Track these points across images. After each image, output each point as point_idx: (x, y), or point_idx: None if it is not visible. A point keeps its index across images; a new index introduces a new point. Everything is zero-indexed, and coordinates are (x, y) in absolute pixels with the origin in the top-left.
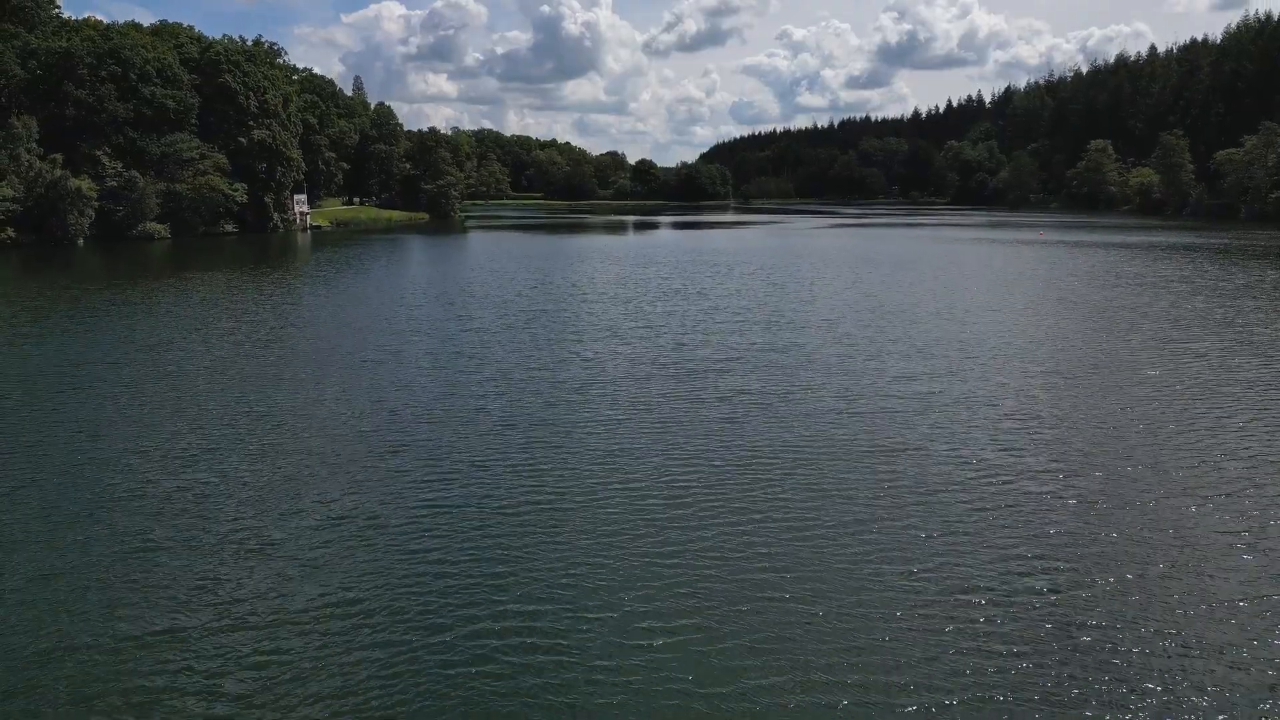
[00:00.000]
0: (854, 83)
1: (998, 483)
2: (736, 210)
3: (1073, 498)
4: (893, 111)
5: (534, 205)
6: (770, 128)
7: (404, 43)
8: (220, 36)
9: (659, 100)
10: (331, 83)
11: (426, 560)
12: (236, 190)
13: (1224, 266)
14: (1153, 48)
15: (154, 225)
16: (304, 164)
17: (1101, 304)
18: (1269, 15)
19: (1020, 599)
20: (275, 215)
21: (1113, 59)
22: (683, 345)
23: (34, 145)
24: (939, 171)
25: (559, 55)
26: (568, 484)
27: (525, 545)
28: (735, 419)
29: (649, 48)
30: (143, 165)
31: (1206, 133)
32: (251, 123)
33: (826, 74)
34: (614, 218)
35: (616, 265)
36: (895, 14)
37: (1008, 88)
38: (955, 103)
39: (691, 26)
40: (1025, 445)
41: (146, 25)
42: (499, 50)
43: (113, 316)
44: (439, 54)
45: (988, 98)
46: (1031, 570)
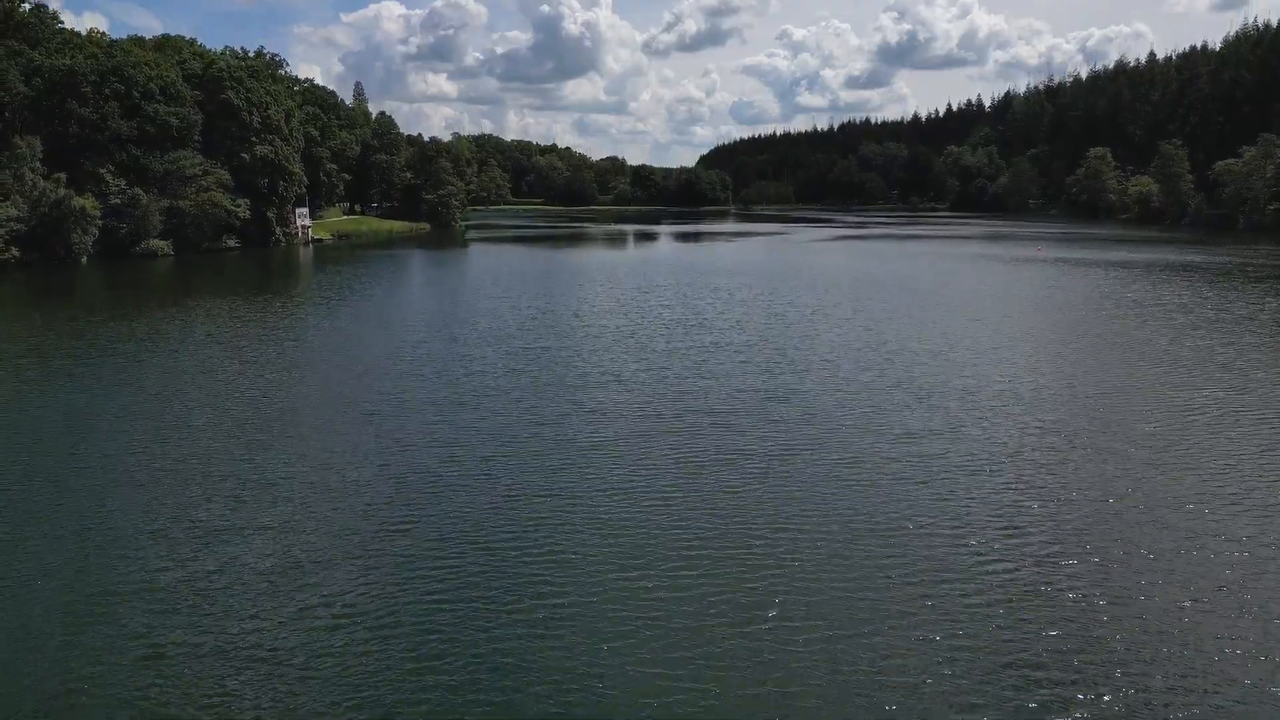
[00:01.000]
0: (854, 83)
1: (999, 570)
2: (737, 217)
3: (1069, 589)
4: (893, 112)
5: (534, 211)
6: (770, 129)
7: (404, 42)
8: (222, 49)
9: (659, 100)
10: (333, 93)
11: (435, 658)
12: (239, 206)
13: (1223, 292)
14: (1152, 54)
15: (157, 242)
16: (305, 178)
17: (1101, 341)
18: (1268, 25)
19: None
20: (277, 229)
21: (1112, 64)
22: (684, 395)
23: (37, 165)
24: (939, 177)
25: (559, 55)
26: (569, 563)
27: (530, 640)
28: (735, 489)
29: (649, 48)
30: (146, 182)
31: (1206, 141)
32: (254, 138)
33: (826, 74)
34: (614, 227)
35: (618, 290)
36: (895, 14)
37: (1007, 92)
38: (955, 106)
39: (691, 26)
40: (1024, 523)
41: (149, 38)
42: (499, 50)
43: (117, 357)
44: (439, 54)
45: (987, 101)
46: (1027, 683)
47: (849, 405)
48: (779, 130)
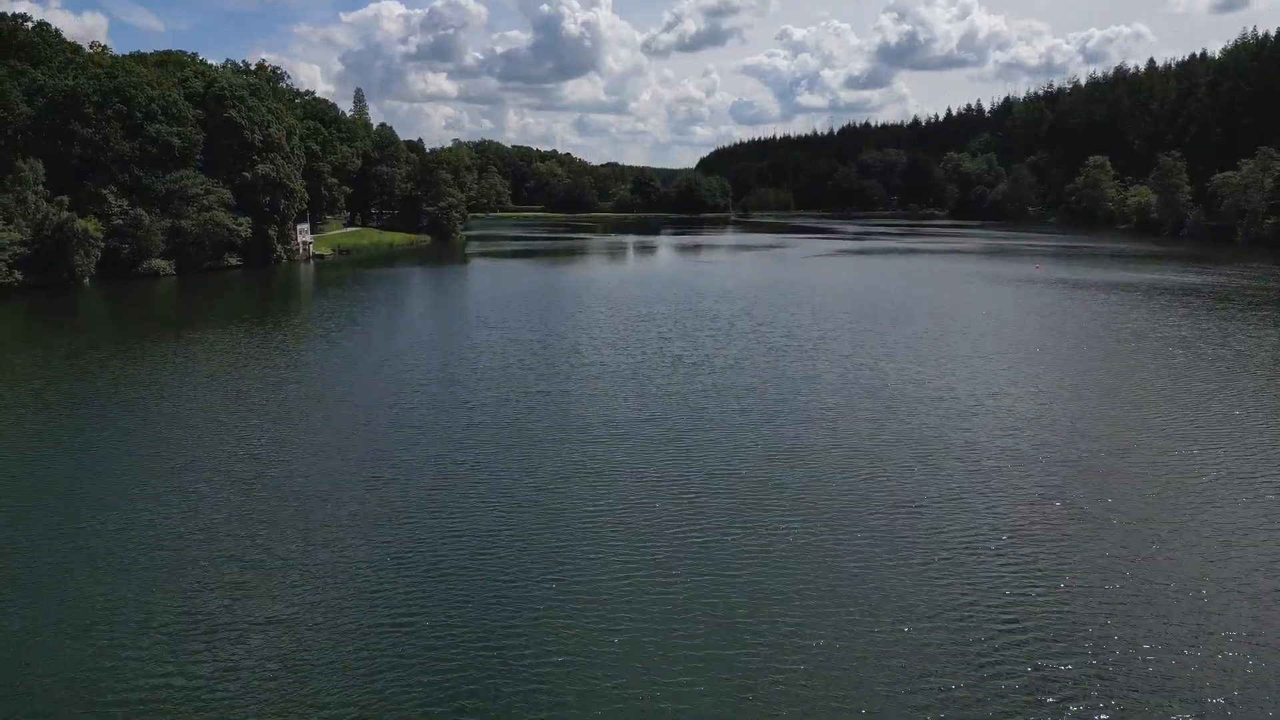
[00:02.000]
0: (854, 83)
1: (1003, 656)
2: (736, 225)
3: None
4: (892, 113)
5: (535, 219)
6: (770, 132)
7: (404, 42)
8: (224, 63)
9: (659, 100)
10: (334, 105)
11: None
12: (241, 225)
13: (1222, 323)
14: (1151, 61)
15: (159, 262)
16: (307, 194)
17: (1099, 383)
18: (1267, 35)
19: None
20: (278, 247)
21: (1112, 70)
22: (685, 452)
23: (40, 187)
24: (938, 183)
25: (559, 55)
26: (570, 642)
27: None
28: (732, 568)
29: (649, 48)
30: (148, 202)
31: (1205, 151)
32: (256, 157)
33: (826, 74)
34: (614, 238)
35: (617, 318)
36: (895, 14)
37: (1007, 98)
38: (955, 111)
39: (691, 26)
40: (1021, 612)
41: (151, 53)
42: (499, 50)
43: (119, 399)
44: (439, 53)
45: (987, 106)
46: None
47: (848, 468)
48: (779, 133)
